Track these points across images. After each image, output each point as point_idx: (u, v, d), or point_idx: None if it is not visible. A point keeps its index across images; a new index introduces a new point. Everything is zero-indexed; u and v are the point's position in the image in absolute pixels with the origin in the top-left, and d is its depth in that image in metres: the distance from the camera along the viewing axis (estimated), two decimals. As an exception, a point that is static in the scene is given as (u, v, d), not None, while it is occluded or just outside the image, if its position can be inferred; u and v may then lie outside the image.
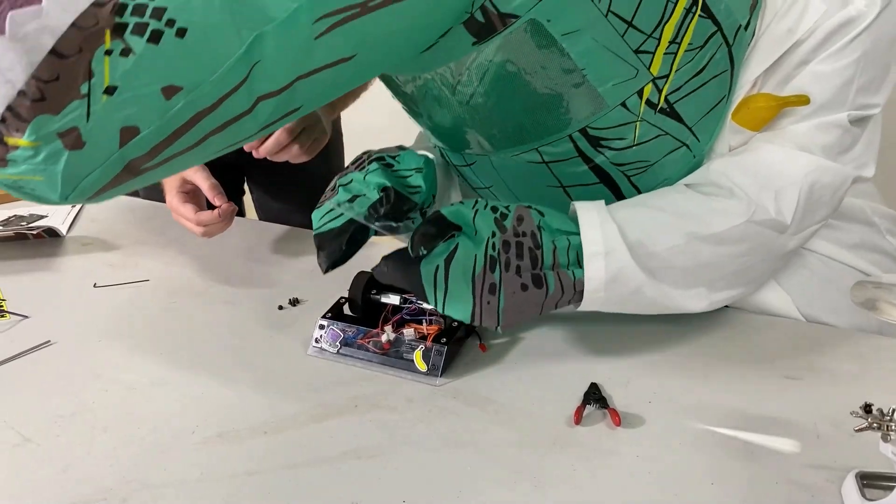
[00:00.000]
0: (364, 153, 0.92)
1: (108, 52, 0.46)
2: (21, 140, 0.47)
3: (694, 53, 0.72)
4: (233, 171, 1.49)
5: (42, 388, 0.77)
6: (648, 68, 0.71)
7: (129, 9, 0.46)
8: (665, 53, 0.71)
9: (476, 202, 0.76)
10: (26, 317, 0.92)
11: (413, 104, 0.86)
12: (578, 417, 0.69)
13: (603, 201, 0.78)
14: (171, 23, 0.48)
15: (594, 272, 0.74)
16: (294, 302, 0.94)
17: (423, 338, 0.79)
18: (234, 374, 0.80)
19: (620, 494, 0.61)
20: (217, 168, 1.42)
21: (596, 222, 0.75)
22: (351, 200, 0.84)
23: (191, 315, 0.92)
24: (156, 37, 0.47)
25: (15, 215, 1.25)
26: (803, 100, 0.77)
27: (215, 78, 0.50)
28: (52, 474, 0.65)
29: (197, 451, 0.67)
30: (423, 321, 0.81)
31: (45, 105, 0.46)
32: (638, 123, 0.75)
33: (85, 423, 0.72)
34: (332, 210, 0.84)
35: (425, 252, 0.73)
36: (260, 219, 1.48)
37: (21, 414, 0.73)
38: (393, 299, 0.85)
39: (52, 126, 0.47)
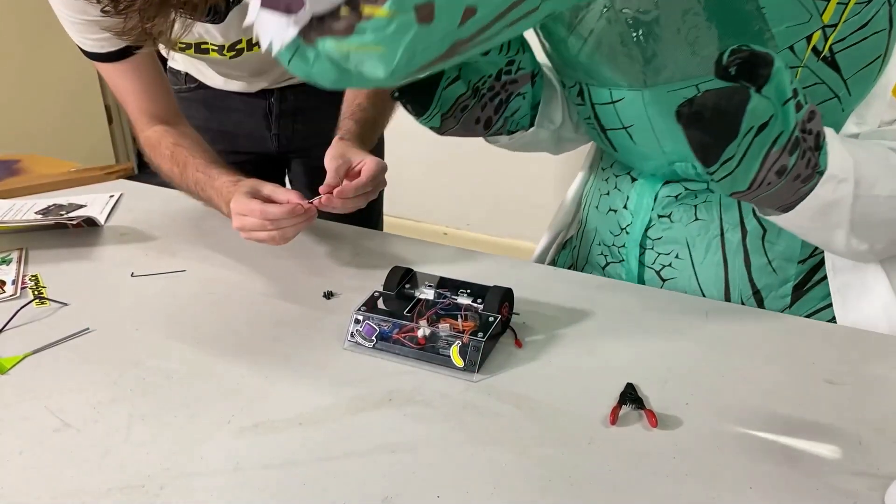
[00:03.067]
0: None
1: None
2: (379, 10, 0.46)
3: (861, 7, 0.74)
4: (274, 164, 1.51)
5: (81, 374, 0.79)
6: (821, 15, 0.73)
7: None
8: (838, 3, 0.73)
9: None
10: (66, 304, 0.93)
11: (572, 39, 0.85)
12: (614, 417, 0.69)
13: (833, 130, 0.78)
14: None
15: (823, 192, 0.74)
16: (328, 295, 0.94)
17: (460, 333, 0.78)
18: (270, 365, 0.80)
19: (657, 496, 0.60)
20: (258, 161, 1.44)
21: (839, 151, 0.75)
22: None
23: (227, 306, 0.93)
24: None
25: (54, 204, 1.26)
26: None
27: None
28: (91, 460, 0.66)
29: (233, 441, 0.68)
30: (458, 317, 0.81)
31: None
32: (800, 69, 0.77)
33: (123, 410, 0.73)
34: None
35: (732, 72, 0.65)
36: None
37: (61, 399, 0.74)
38: (427, 294, 0.85)
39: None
